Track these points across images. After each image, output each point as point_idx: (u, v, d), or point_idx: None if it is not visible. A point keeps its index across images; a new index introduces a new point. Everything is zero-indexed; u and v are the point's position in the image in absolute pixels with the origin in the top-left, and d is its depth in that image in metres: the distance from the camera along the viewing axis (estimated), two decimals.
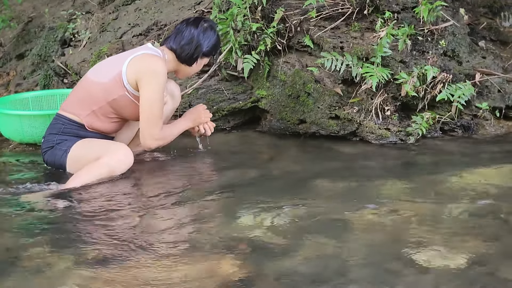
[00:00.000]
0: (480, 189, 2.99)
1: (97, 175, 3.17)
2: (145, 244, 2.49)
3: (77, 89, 3.41)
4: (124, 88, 3.25)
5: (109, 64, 3.40)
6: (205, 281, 2.17)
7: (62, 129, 3.33)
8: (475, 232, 2.51)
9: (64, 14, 5.28)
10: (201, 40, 3.35)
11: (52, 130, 3.36)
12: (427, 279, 2.16)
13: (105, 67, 3.39)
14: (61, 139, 3.31)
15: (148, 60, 3.26)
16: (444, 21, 4.02)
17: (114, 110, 3.31)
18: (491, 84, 4.03)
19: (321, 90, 3.96)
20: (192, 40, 3.34)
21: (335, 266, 2.25)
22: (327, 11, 4.07)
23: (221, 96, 4.20)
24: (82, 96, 3.33)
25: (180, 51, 3.36)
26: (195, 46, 3.35)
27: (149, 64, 3.24)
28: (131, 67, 3.24)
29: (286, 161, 3.59)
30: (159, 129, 3.29)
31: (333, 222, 2.65)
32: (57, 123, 3.36)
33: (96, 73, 3.36)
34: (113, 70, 3.29)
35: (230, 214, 2.78)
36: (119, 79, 3.25)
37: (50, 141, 3.34)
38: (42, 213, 2.86)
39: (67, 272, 2.27)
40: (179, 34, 3.36)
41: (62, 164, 3.31)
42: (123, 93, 3.26)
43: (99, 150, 3.24)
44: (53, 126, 3.38)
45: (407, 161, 3.60)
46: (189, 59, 3.38)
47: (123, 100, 3.28)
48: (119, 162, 3.23)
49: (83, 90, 3.35)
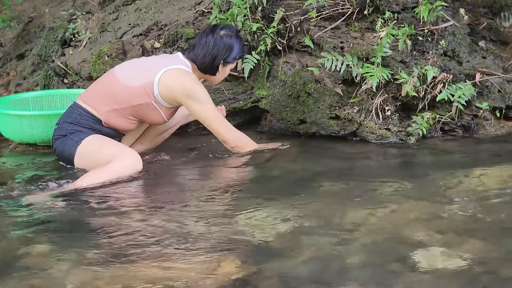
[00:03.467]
0: (480, 189, 2.99)
1: (105, 179, 3.17)
2: (145, 244, 2.49)
3: (101, 84, 3.43)
4: (152, 97, 3.30)
5: (140, 69, 3.40)
6: (205, 281, 2.17)
7: (79, 119, 3.34)
8: (475, 232, 2.51)
9: (64, 14, 5.27)
10: (216, 50, 3.40)
11: (68, 119, 3.36)
12: (427, 279, 2.16)
13: (135, 71, 3.39)
14: (75, 130, 3.32)
15: (181, 78, 3.32)
16: (444, 21, 4.02)
17: (135, 113, 3.36)
18: (491, 84, 4.03)
19: (321, 90, 3.96)
20: (208, 52, 3.40)
21: (335, 266, 2.25)
22: (327, 11, 4.07)
23: (221, 96, 4.20)
24: (105, 93, 3.35)
25: (200, 63, 3.43)
26: (212, 58, 3.41)
27: (183, 83, 3.31)
28: (164, 81, 3.30)
29: (286, 161, 3.59)
30: (233, 128, 3.50)
31: (333, 222, 2.65)
32: (74, 113, 3.36)
33: (125, 75, 3.36)
34: (144, 78, 3.31)
35: (230, 214, 2.78)
36: (149, 88, 3.29)
37: (64, 129, 3.35)
38: (42, 214, 2.86)
39: (68, 272, 2.27)
40: (198, 46, 3.42)
41: (71, 155, 3.32)
42: (149, 100, 3.31)
43: (109, 152, 3.27)
44: (69, 114, 3.38)
45: (407, 161, 3.60)
46: (208, 69, 3.45)
47: (148, 107, 3.33)
48: (129, 167, 3.25)
49: (107, 87, 3.37)
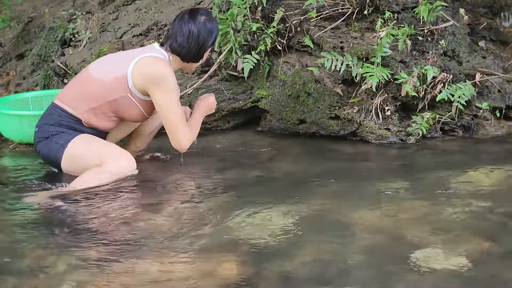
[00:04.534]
0: (481, 189, 2.99)
1: (102, 182, 3.11)
2: (145, 244, 2.49)
3: (76, 82, 3.30)
4: (127, 90, 3.17)
5: (113, 62, 3.28)
6: (205, 281, 2.17)
7: (59, 120, 3.21)
8: (475, 232, 2.51)
9: (64, 14, 5.27)
10: (204, 37, 3.25)
11: (48, 121, 3.24)
12: (427, 279, 2.16)
13: (109, 64, 3.27)
14: (57, 131, 3.20)
15: (155, 64, 3.17)
16: (444, 21, 4.02)
17: (113, 110, 3.22)
18: (491, 84, 4.03)
19: (321, 90, 3.95)
20: (195, 40, 3.24)
21: (335, 267, 2.25)
22: (327, 11, 4.07)
23: (221, 96, 4.20)
24: (81, 91, 3.22)
25: (185, 54, 3.26)
26: (200, 45, 3.26)
27: (156, 69, 3.16)
28: (137, 70, 3.16)
29: (286, 161, 3.59)
30: (187, 128, 3.25)
31: (333, 222, 2.65)
32: (54, 114, 3.24)
33: (99, 70, 3.24)
34: (117, 70, 3.19)
35: (230, 214, 2.77)
36: (123, 80, 3.16)
37: (46, 131, 3.22)
38: (42, 214, 2.86)
39: (68, 272, 2.27)
40: (180, 35, 3.23)
41: (57, 158, 3.20)
42: (125, 94, 3.18)
43: (99, 153, 3.17)
44: (49, 116, 3.26)
45: (407, 161, 3.60)
46: (195, 58, 3.31)
47: (124, 101, 3.20)
48: (123, 168, 3.18)
49: (83, 85, 3.24)
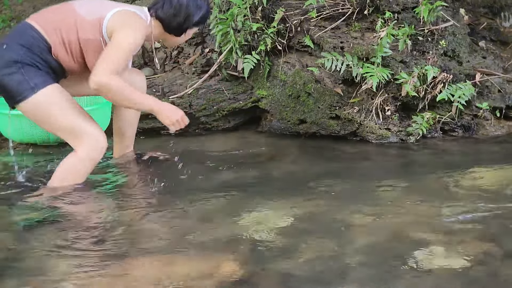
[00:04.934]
0: (481, 189, 2.99)
1: (85, 173, 3.06)
2: (145, 244, 2.49)
3: (56, 12, 3.14)
4: (100, 34, 3.05)
5: (98, 5, 3.15)
6: (205, 281, 2.17)
7: (31, 43, 3.00)
8: (475, 232, 2.51)
9: None
10: (191, 10, 3.15)
11: (20, 40, 3.02)
12: (427, 279, 2.15)
13: (93, 5, 3.14)
14: (28, 61, 2.98)
15: (131, 17, 3.07)
16: (444, 21, 4.02)
17: (84, 50, 3.07)
18: (491, 84, 4.03)
19: (321, 90, 3.95)
20: (182, 10, 3.13)
21: (336, 267, 2.25)
22: (327, 11, 4.07)
23: (221, 96, 4.20)
24: (57, 20, 3.07)
25: (168, 22, 3.16)
26: (185, 17, 3.15)
27: (129, 19, 3.06)
28: (113, 17, 3.05)
29: (286, 161, 3.59)
30: (114, 71, 2.92)
31: (333, 222, 2.65)
32: (27, 34, 3.03)
33: (83, 8, 3.11)
34: (98, 12, 3.08)
35: (230, 214, 2.77)
36: (99, 23, 3.05)
37: (15, 52, 2.99)
38: (42, 214, 2.86)
39: (68, 272, 2.27)
40: (167, 3, 3.14)
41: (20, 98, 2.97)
42: (98, 37, 3.05)
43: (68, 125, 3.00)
44: (21, 35, 3.04)
45: (408, 161, 3.60)
46: (178, 30, 3.20)
47: (94, 44, 3.06)
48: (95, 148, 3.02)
49: (61, 15, 3.09)
